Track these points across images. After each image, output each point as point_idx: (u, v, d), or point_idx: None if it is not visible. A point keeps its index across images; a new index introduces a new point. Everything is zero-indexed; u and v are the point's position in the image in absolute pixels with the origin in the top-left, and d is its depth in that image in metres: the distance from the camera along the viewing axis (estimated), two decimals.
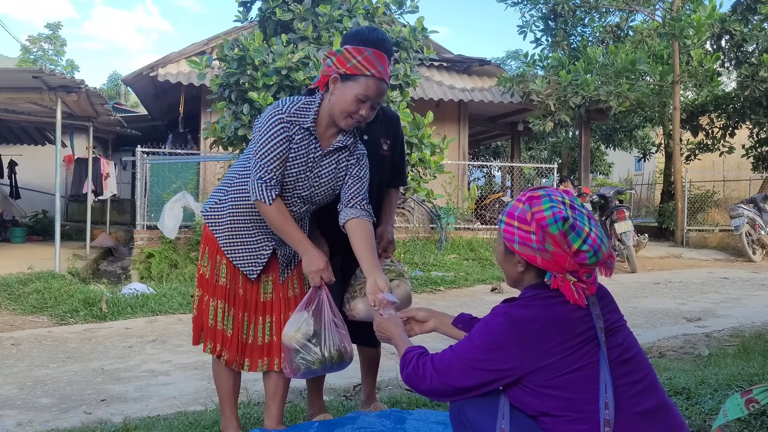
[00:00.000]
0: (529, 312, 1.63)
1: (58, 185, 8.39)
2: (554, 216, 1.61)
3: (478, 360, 1.64)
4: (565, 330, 1.60)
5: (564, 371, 1.59)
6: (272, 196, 2.29)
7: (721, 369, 3.55)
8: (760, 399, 1.61)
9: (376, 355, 3.01)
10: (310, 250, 2.35)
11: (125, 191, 16.25)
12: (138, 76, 11.51)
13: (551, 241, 1.61)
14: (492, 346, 1.63)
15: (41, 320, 5.94)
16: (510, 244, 1.70)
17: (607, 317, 1.67)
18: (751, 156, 14.58)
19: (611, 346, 1.63)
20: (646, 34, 13.15)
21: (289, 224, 2.33)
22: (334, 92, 2.31)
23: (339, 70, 2.28)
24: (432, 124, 8.15)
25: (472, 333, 1.72)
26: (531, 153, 22.98)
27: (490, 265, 9.33)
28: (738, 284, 8.14)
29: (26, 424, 3.18)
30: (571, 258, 1.61)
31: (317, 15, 7.31)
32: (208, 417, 2.98)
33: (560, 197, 1.67)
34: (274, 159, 2.29)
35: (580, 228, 1.62)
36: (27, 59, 29.32)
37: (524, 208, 1.67)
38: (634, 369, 1.64)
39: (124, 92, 29.32)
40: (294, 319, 2.34)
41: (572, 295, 1.60)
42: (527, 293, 1.70)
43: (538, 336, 1.60)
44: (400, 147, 2.91)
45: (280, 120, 2.30)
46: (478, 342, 1.66)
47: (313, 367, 2.31)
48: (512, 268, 1.74)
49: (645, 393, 1.62)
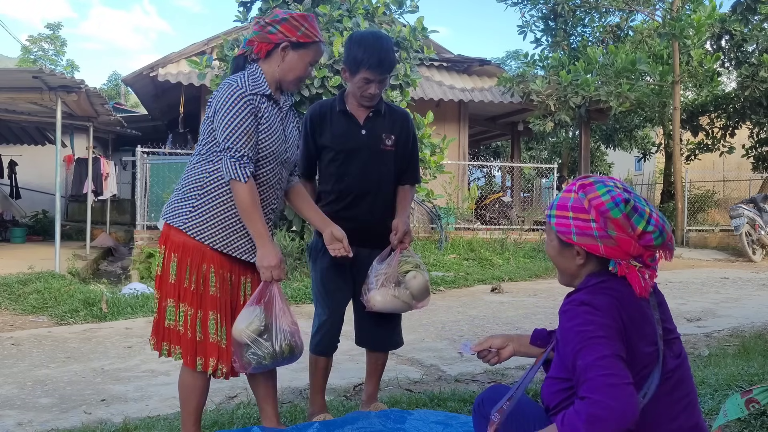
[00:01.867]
0: (602, 299, 1.52)
1: (58, 185, 8.38)
2: (614, 199, 1.53)
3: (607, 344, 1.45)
4: (637, 316, 1.52)
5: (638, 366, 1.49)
6: (247, 174, 2.26)
7: (721, 369, 3.55)
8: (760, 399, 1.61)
9: (385, 359, 3.02)
10: (268, 244, 2.31)
11: (125, 191, 16.24)
12: (138, 76, 11.51)
13: (614, 226, 1.53)
14: (601, 326, 1.47)
15: (41, 320, 5.94)
16: (566, 237, 1.60)
17: (666, 325, 1.60)
18: (751, 156, 14.58)
19: (669, 355, 1.55)
20: (646, 34, 13.15)
21: (257, 209, 2.30)
22: (285, 59, 2.36)
23: (290, 38, 2.34)
24: (432, 124, 8.17)
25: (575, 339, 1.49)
26: (531, 153, 22.98)
27: (490, 265, 9.33)
28: (738, 284, 8.14)
29: (26, 424, 3.18)
30: (635, 241, 1.54)
31: (317, 15, 7.31)
32: (207, 417, 2.97)
33: (612, 182, 1.60)
34: (243, 135, 2.26)
35: (642, 209, 1.54)
36: (27, 59, 29.34)
37: (578, 196, 1.59)
38: (679, 385, 1.56)
39: (124, 92, 29.32)
40: (245, 313, 2.29)
41: (639, 282, 1.53)
42: (590, 281, 1.60)
43: (623, 317, 1.50)
44: (412, 144, 2.93)
45: (243, 95, 2.28)
46: (591, 333, 1.47)
47: (264, 362, 2.28)
48: (570, 262, 1.64)
49: (684, 412, 1.54)
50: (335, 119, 2.81)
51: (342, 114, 2.81)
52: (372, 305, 2.70)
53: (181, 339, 2.36)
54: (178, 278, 2.35)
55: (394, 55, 2.77)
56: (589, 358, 1.44)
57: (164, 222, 2.42)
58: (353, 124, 2.81)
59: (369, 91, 2.72)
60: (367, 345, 2.98)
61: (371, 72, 2.66)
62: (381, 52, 2.66)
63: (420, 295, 2.76)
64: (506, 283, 8.00)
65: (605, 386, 1.38)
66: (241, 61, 2.45)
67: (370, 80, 2.69)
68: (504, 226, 11.44)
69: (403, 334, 3.04)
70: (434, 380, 3.81)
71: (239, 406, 3.19)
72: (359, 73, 2.68)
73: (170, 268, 2.36)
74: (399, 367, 4.11)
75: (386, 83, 2.80)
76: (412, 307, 2.78)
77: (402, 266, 2.76)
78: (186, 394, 2.45)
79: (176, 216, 2.38)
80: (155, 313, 2.44)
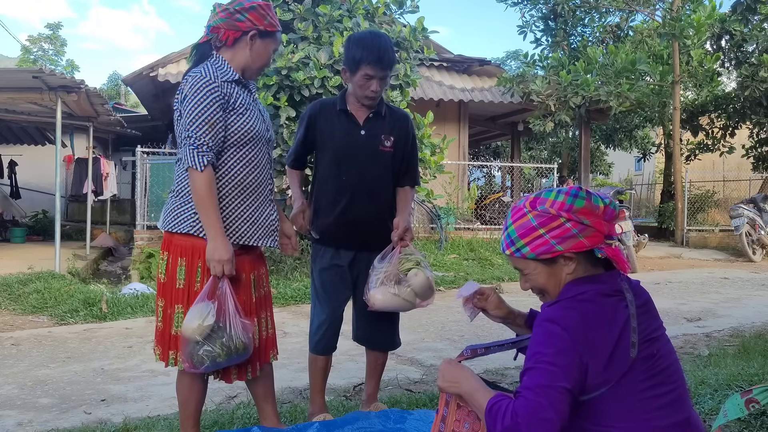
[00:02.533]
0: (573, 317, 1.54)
1: (58, 185, 8.38)
2: (568, 195, 1.61)
3: (556, 373, 1.48)
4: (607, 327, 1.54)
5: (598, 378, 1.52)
6: (204, 162, 2.24)
7: (721, 369, 3.55)
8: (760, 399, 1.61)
9: (384, 359, 3.03)
10: (219, 237, 2.26)
11: (125, 191, 16.24)
12: (138, 76, 11.51)
13: (583, 214, 1.59)
14: (559, 352, 1.50)
15: (41, 320, 5.94)
16: (551, 252, 1.60)
17: (647, 324, 1.61)
18: (751, 156, 14.58)
19: (644, 356, 1.56)
20: (646, 34, 13.15)
21: (213, 200, 2.26)
22: (252, 48, 2.38)
23: (257, 27, 2.35)
24: (432, 124, 8.16)
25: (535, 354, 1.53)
26: (531, 153, 22.98)
27: (490, 265, 9.33)
28: (738, 284, 8.14)
29: (26, 424, 3.18)
30: (602, 219, 1.60)
31: (317, 15, 7.31)
32: (208, 417, 2.98)
33: (547, 188, 1.72)
34: (203, 124, 2.25)
35: (585, 191, 1.64)
36: (27, 59, 29.33)
37: (538, 212, 1.61)
38: (664, 381, 1.57)
39: (124, 92, 29.33)
40: (196, 310, 2.22)
41: (622, 259, 1.60)
42: (568, 293, 1.61)
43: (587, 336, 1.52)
44: (411, 146, 2.92)
45: (208, 84, 2.27)
46: (547, 358, 1.50)
47: (218, 360, 2.23)
48: (558, 278, 1.63)
49: (670, 406, 1.56)
50: (335, 118, 2.81)
51: (342, 113, 2.81)
52: (372, 304, 2.69)
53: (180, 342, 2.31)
54: (187, 282, 2.32)
55: (394, 53, 2.77)
56: (532, 380, 1.48)
57: (166, 231, 2.38)
58: (353, 125, 2.81)
59: (371, 88, 2.71)
60: (365, 343, 2.98)
61: (371, 68, 2.66)
62: (380, 49, 2.67)
63: (423, 292, 2.74)
64: (506, 283, 8.00)
65: (532, 413, 1.44)
66: (206, 48, 2.43)
67: (371, 77, 2.68)
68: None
69: (402, 335, 3.05)
70: (434, 380, 3.81)
71: (239, 406, 3.19)
72: (359, 70, 2.68)
73: (177, 273, 2.33)
74: (399, 367, 4.11)
75: (387, 82, 2.79)
76: (416, 305, 2.75)
77: (404, 264, 2.74)
78: (184, 397, 2.44)
79: (181, 222, 2.34)
80: (160, 322, 2.38)
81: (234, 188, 2.36)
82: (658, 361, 1.58)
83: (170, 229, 2.36)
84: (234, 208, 2.36)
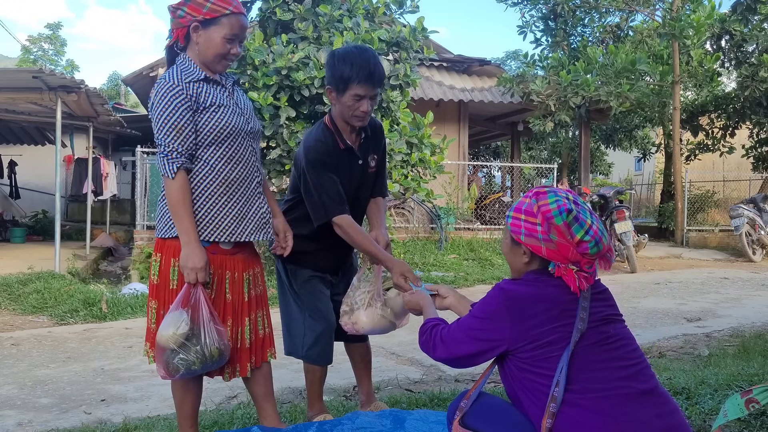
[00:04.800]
0: (524, 288, 1.76)
1: (58, 185, 8.38)
2: (559, 208, 1.73)
3: (474, 329, 1.78)
4: (552, 307, 1.72)
5: (539, 344, 1.69)
6: (174, 170, 2.23)
7: (721, 369, 3.55)
8: (760, 399, 1.61)
9: (368, 353, 2.95)
10: (193, 243, 2.24)
11: (125, 191, 16.24)
12: (138, 76, 11.52)
13: (556, 231, 1.72)
14: (487, 316, 1.77)
15: (41, 320, 5.94)
16: (516, 236, 1.81)
17: (602, 310, 1.77)
18: (751, 156, 14.57)
19: (597, 332, 1.71)
20: (646, 34, 13.14)
21: (186, 206, 2.24)
22: (198, 41, 2.31)
23: (197, 18, 2.28)
24: (432, 124, 8.15)
25: (474, 306, 1.89)
26: (531, 153, 22.97)
27: (490, 265, 9.33)
28: (738, 284, 8.14)
29: (26, 424, 3.18)
30: (574, 248, 1.71)
31: (317, 15, 7.31)
32: (207, 417, 2.98)
33: (564, 194, 1.79)
34: (171, 130, 2.23)
35: (583, 220, 1.73)
36: (27, 59, 29.34)
37: (531, 202, 1.79)
38: (624, 356, 1.72)
39: (124, 92, 29.35)
40: (170, 318, 2.21)
41: (574, 283, 1.70)
42: (528, 276, 1.81)
43: (528, 310, 1.71)
44: (383, 158, 2.85)
45: (171, 89, 2.24)
46: (476, 312, 1.81)
47: (194, 367, 2.22)
48: (518, 260, 1.84)
49: (635, 377, 1.69)
50: (340, 157, 2.64)
51: (345, 151, 2.65)
52: (359, 328, 2.54)
53: None
54: (180, 284, 2.31)
55: (383, 68, 2.61)
56: (464, 323, 1.82)
57: (160, 237, 2.35)
58: (354, 157, 2.69)
59: (361, 109, 2.54)
60: (345, 338, 2.85)
61: (362, 86, 2.49)
62: (369, 65, 2.49)
63: (401, 312, 2.58)
64: None
65: (443, 342, 1.84)
66: (171, 53, 2.41)
67: (362, 96, 2.51)
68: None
69: (401, 335, 3.03)
70: (434, 380, 3.82)
71: (239, 406, 3.19)
72: (348, 90, 2.50)
73: (170, 274, 2.32)
74: (399, 367, 4.11)
75: (377, 99, 2.62)
76: (396, 326, 2.63)
77: (385, 282, 2.60)
78: (180, 398, 2.42)
79: (172, 227, 2.31)
80: (153, 323, 2.36)
81: (219, 186, 2.33)
82: (616, 342, 1.73)
83: (162, 235, 2.35)
84: (221, 205, 2.34)
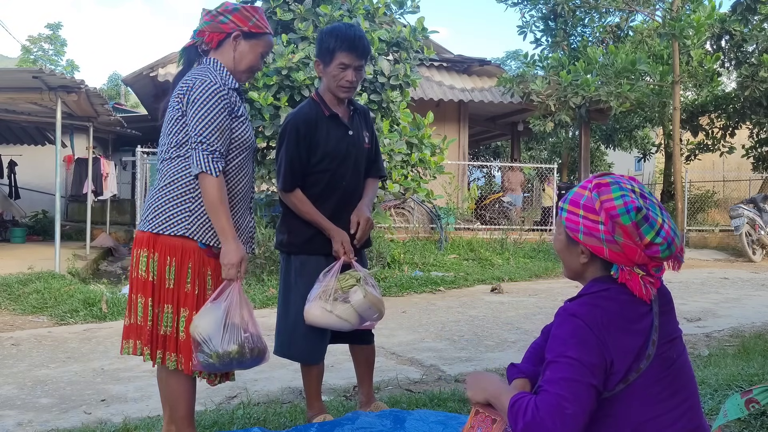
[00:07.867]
0: (595, 314, 1.49)
1: (58, 185, 8.38)
2: (626, 206, 1.49)
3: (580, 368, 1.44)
4: (629, 330, 1.50)
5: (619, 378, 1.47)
6: (219, 168, 2.25)
7: (721, 369, 3.55)
8: (760, 399, 1.60)
9: (371, 355, 2.96)
10: (232, 241, 2.27)
11: (125, 191, 16.24)
12: (138, 76, 11.52)
13: (622, 232, 1.49)
14: (583, 347, 1.46)
15: (41, 320, 5.94)
16: (574, 234, 1.57)
17: (666, 326, 1.57)
18: (751, 156, 14.58)
19: (663, 359, 1.52)
20: (646, 34, 13.15)
21: (225, 205, 2.27)
22: (237, 49, 2.38)
23: (241, 28, 2.36)
24: (432, 125, 8.16)
25: (558, 348, 1.48)
26: (531, 153, 22.98)
27: (490, 265, 9.33)
28: (738, 284, 8.13)
29: (26, 424, 3.18)
30: (642, 251, 1.50)
31: (318, 15, 7.31)
32: (207, 417, 2.98)
33: (629, 185, 1.55)
34: (216, 130, 2.26)
35: (653, 219, 1.50)
36: (27, 59, 29.34)
37: (591, 196, 1.54)
38: (682, 389, 1.54)
39: (124, 92, 29.34)
40: (203, 312, 2.25)
41: (640, 290, 1.50)
42: (592, 288, 1.57)
43: (610, 335, 1.48)
44: (375, 138, 2.95)
45: (218, 91, 2.28)
46: (570, 353, 1.46)
47: (210, 360, 2.22)
48: (574, 260, 1.61)
49: (686, 416, 1.53)
50: (326, 125, 2.72)
51: (331, 119, 2.74)
52: (306, 318, 2.60)
53: (182, 346, 2.31)
54: (177, 283, 2.30)
55: (368, 42, 2.75)
56: (555, 374, 1.45)
57: (153, 233, 2.32)
58: (342, 127, 2.76)
59: (346, 78, 2.66)
60: (349, 340, 2.87)
61: (346, 55, 2.63)
62: (354, 38, 2.64)
63: (365, 312, 2.59)
64: (506, 283, 8.00)
65: (555, 406, 1.40)
66: (192, 52, 2.44)
67: (347, 66, 2.64)
68: (504, 226, 11.44)
69: (402, 335, 3.03)
70: (434, 380, 3.81)
71: (239, 406, 3.18)
72: (334, 59, 2.64)
73: (166, 273, 2.31)
74: (399, 367, 4.11)
75: (362, 72, 2.74)
76: (356, 325, 2.63)
77: (346, 280, 2.61)
78: (175, 400, 2.40)
79: (175, 224, 2.31)
80: (141, 319, 2.33)
81: (227, 194, 2.35)
82: (677, 370, 1.55)
83: (161, 231, 2.31)
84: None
